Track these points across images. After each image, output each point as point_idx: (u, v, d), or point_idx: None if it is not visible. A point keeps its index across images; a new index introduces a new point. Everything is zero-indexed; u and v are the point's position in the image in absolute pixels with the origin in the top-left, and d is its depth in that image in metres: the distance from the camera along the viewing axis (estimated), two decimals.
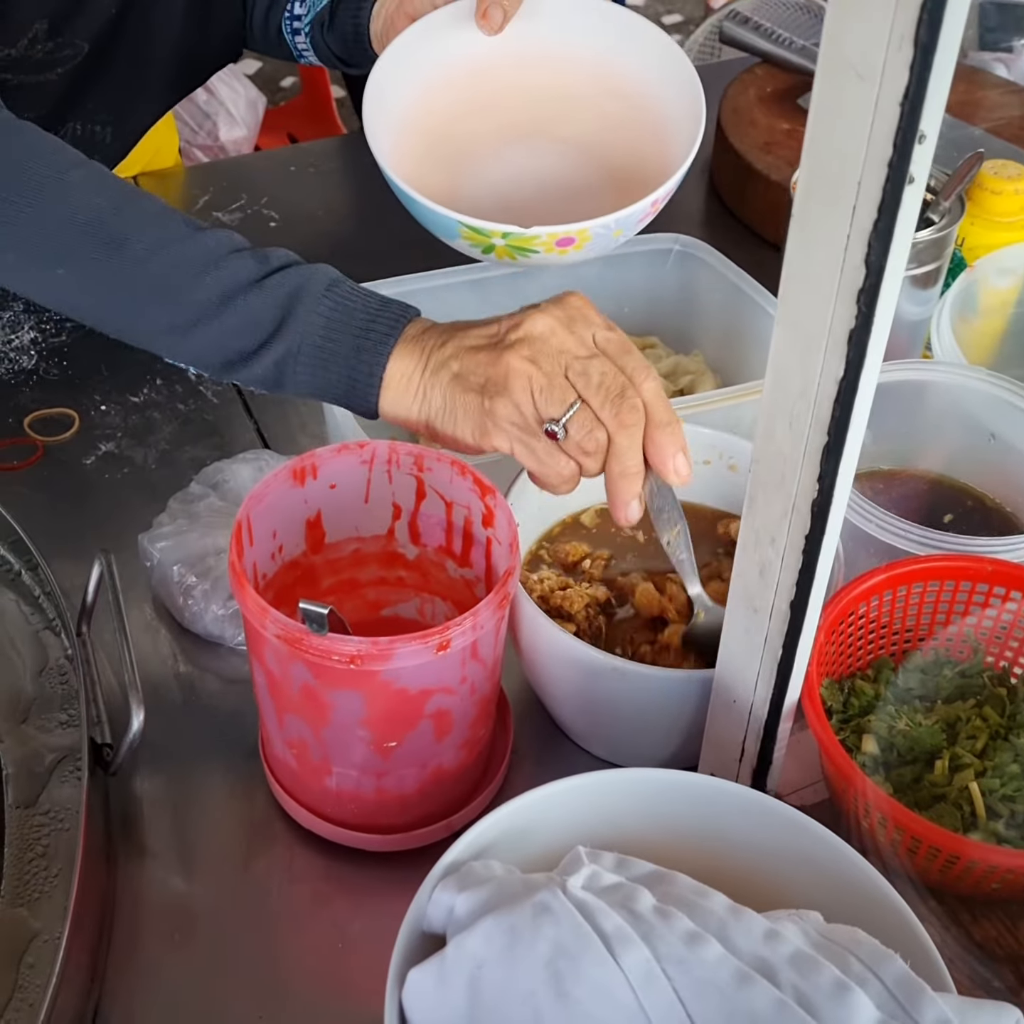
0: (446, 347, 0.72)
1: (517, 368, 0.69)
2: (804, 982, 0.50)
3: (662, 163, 0.92)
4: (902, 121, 0.43)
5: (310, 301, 0.73)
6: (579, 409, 0.69)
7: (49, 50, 1.02)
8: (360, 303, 0.74)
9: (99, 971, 0.69)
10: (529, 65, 0.98)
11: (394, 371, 0.73)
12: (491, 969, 0.51)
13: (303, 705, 0.67)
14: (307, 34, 1.06)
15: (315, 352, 0.73)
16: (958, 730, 0.71)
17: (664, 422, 0.69)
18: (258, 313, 0.74)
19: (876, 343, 0.50)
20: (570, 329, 0.70)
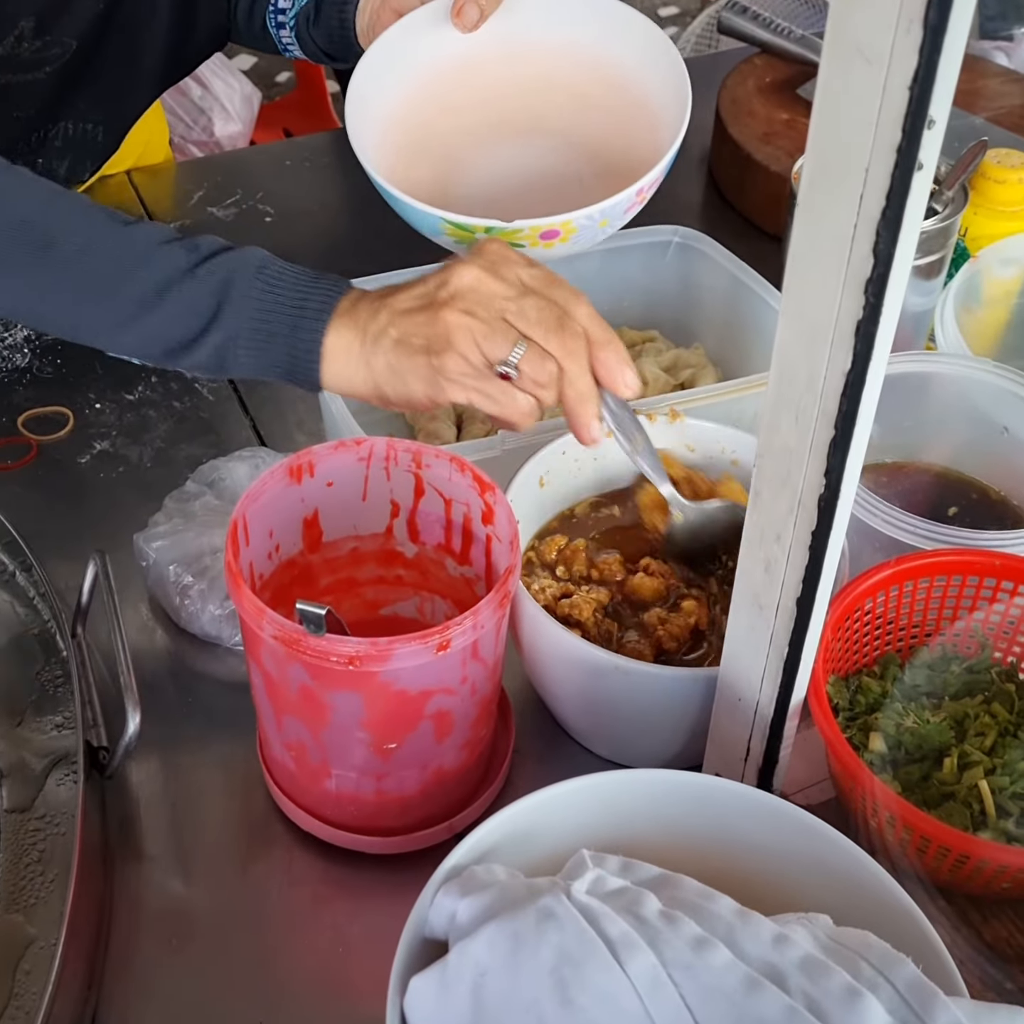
0: (380, 315, 0.73)
1: (456, 322, 0.71)
2: (814, 988, 0.49)
3: (650, 152, 0.91)
4: (911, 106, 0.42)
5: (243, 285, 0.74)
6: (527, 348, 0.71)
7: (37, 48, 1.01)
8: (291, 281, 0.75)
9: (96, 977, 0.68)
10: (514, 58, 0.97)
11: (333, 345, 0.74)
12: (494, 976, 0.50)
13: (301, 707, 0.66)
14: (292, 28, 1.05)
15: (253, 335, 0.75)
16: (966, 727, 0.70)
17: (605, 341, 0.72)
18: (193, 302, 0.75)
19: (884, 335, 0.48)
20: (496, 274, 0.72)
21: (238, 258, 0.76)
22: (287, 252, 0.78)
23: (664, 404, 0.84)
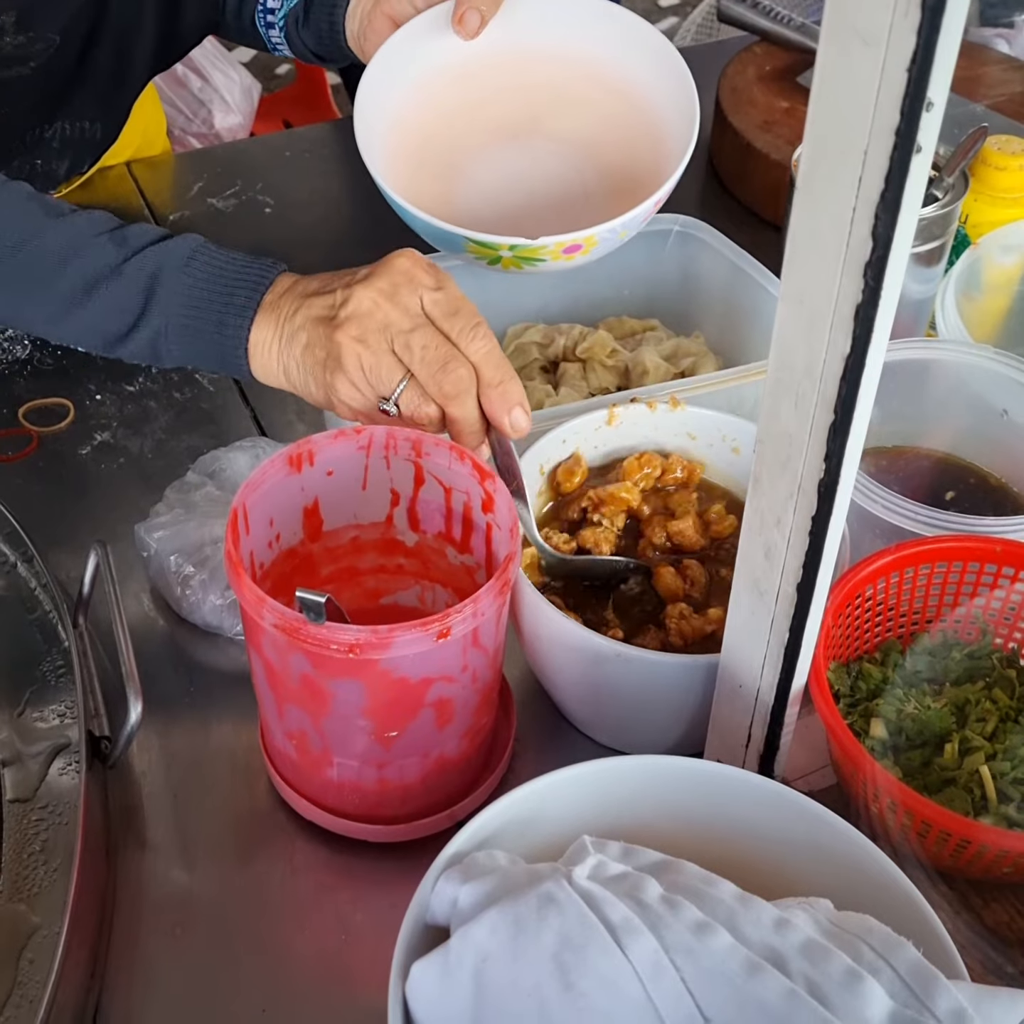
0: (297, 316, 0.74)
1: (347, 347, 0.71)
2: (815, 971, 0.49)
3: (654, 157, 0.91)
4: (909, 87, 0.42)
5: (170, 281, 0.76)
6: (407, 386, 0.71)
7: (20, 44, 1.01)
8: (218, 274, 0.76)
9: (99, 966, 0.69)
10: (518, 64, 0.97)
11: (256, 340, 0.75)
12: (496, 961, 0.50)
13: (303, 695, 0.66)
14: (281, 28, 1.04)
15: (181, 331, 0.76)
16: (967, 713, 0.70)
17: (494, 383, 0.72)
18: (121, 300, 0.76)
19: (883, 318, 0.48)
20: (394, 300, 0.72)
21: (166, 251, 0.77)
22: (287, 242, 0.79)
23: (664, 392, 0.84)
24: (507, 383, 0.72)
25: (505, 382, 0.72)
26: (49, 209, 0.78)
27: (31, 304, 0.78)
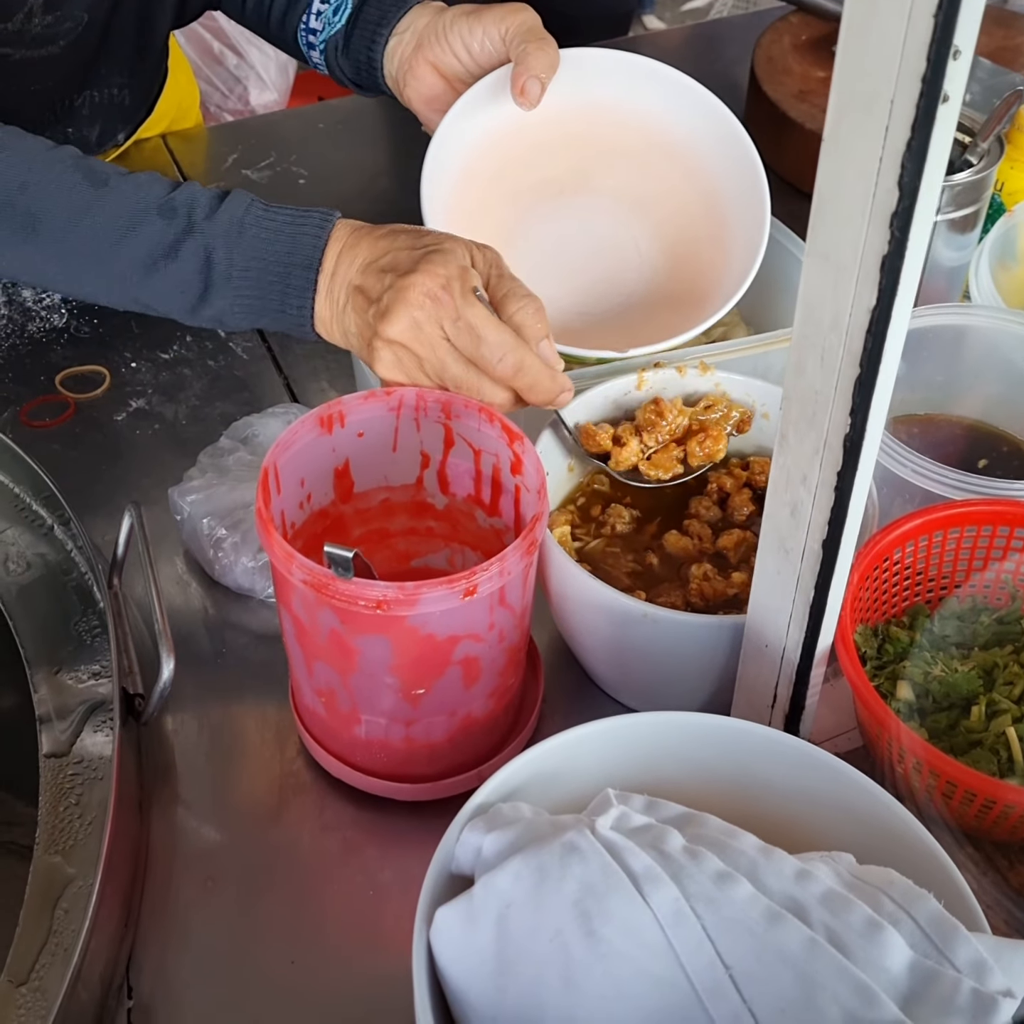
0: (346, 312, 0.77)
1: (387, 372, 0.75)
2: (835, 921, 0.49)
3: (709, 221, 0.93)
4: (935, 34, 0.42)
5: (223, 265, 0.77)
6: None
7: (48, 24, 1.01)
8: (270, 247, 0.77)
9: (132, 916, 0.70)
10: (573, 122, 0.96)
11: (319, 319, 0.78)
12: (519, 908, 0.51)
13: (331, 652, 0.67)
14: (321, 52, 1.03)
15: (246, 309, 0.78)
16: (995, 676, 0.69)
17: (532, 397, 0.75)
18: (181, 281, 0.78)
19: (910, 270, 0.48)
20: (418, 340, 0.73)
21: (215, 230, 0.77)
22: None
23: (693, 357, 0.84)
24: (545, 393, 0.75)
25: (543, 393, 0.74)
26: (95, 178, 0.78)
27: (91, 279, 0.79)
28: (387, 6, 0.98)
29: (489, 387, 0.73)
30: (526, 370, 0.73)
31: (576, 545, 0.80)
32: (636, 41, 1.68)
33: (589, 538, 0.80)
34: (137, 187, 0.78)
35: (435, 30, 0.94)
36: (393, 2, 0.97)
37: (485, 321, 0.73)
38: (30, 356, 1.06)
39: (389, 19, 0.97)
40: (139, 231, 0.77)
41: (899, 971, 0.48)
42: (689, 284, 0.94)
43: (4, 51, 1.01)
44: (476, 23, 0.92)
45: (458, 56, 0.94)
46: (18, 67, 1.03)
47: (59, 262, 0.78)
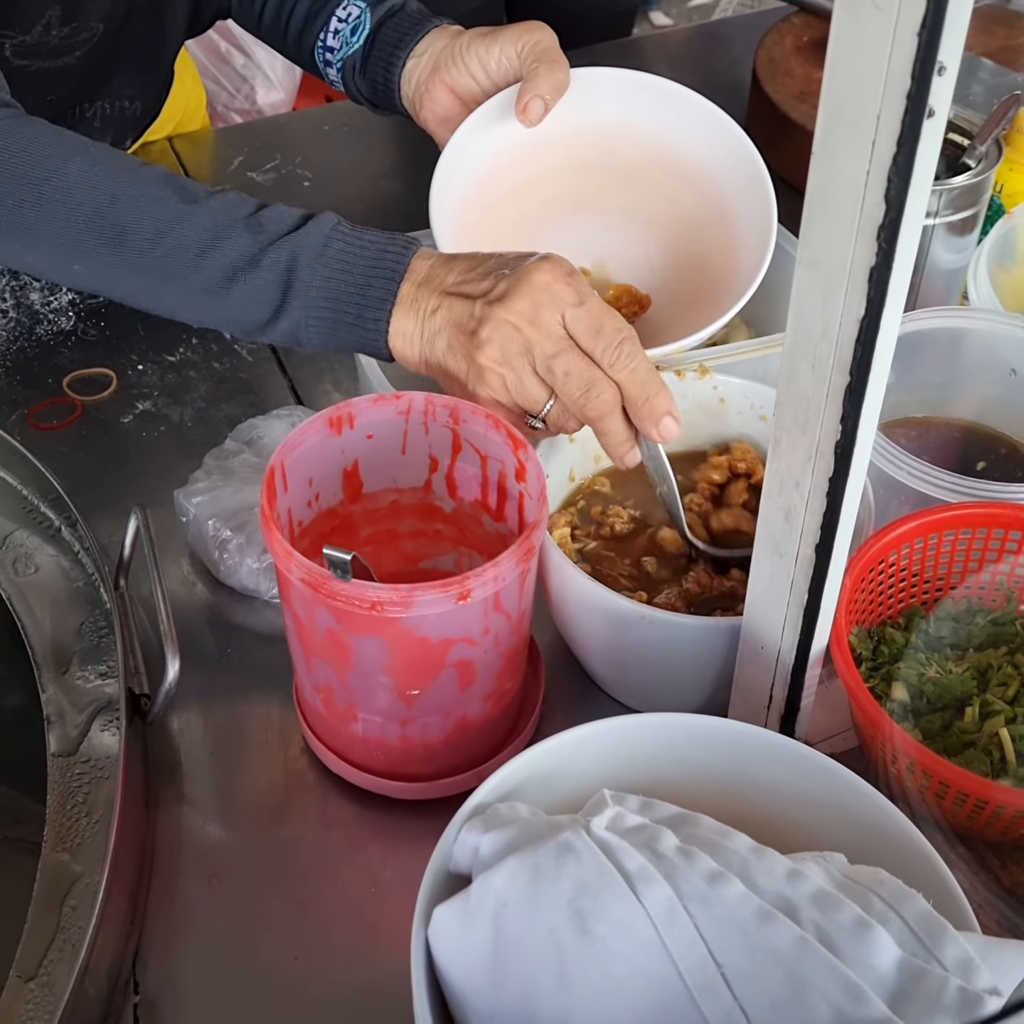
0: (436, 316, 0.75)
1: (489, 369, 0.73)
2: (825, 920, 0.50)
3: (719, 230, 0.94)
4: (920, 52, 0.43)
5: (305, 273, 0.76)
6: (554, 404, 0.73)
7: (65, 35, 1.03)
8: (353, 263, 0.76)
9: (138, 913, 0.71)
10: (582, 141, 0.97)
11: (396, 331, 0.76)
12: (515, 907, 0.52)
13: (328, 650, 0.68)
14: (339, 70, 1.04)
15: (321, 323, 0.77)
16: (989, 677, 0.70)
17: (640, 400, 0.72)
18: (260, 291, 0.77)
19: (898, 281, 0.49)
20: (536, 324, 0.72)
21: (301, 240, 0.77)
22: None
23: (693, 360, 0.85)
24: (653, 399, 0.72)
25: (651, 398, 0.72)
26: (184, 194, 0.78)
27: (169, 292, 0.79)
28: (405, 28, 0.98)
29: (600, 380, 0.72)
30: (639, 365, 0.72)
31: (576, 546, 0.81)
32: (640, 42, 1.68)
33: (589, 539, 0.81)
34: (226, 204, 0.78)
35: (452, 52, 0.95)
36: (411, 25, 0.98)
37: (607, 309, 0.73)
38: (38, 359, 1.08)
39: (407, 41, 0.98)
40: (224, 244, 0.77)
41: (887, 969, 0.49)
42: (698, 295, 0.94)
43: (22, 63, 1.02)
44: (493, 42, 0.93)
45: (475, 77, 0.94)
46: (35, 78, 1.04)
47: (142, 274, 0.78)
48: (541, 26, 0.92)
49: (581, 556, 0.80)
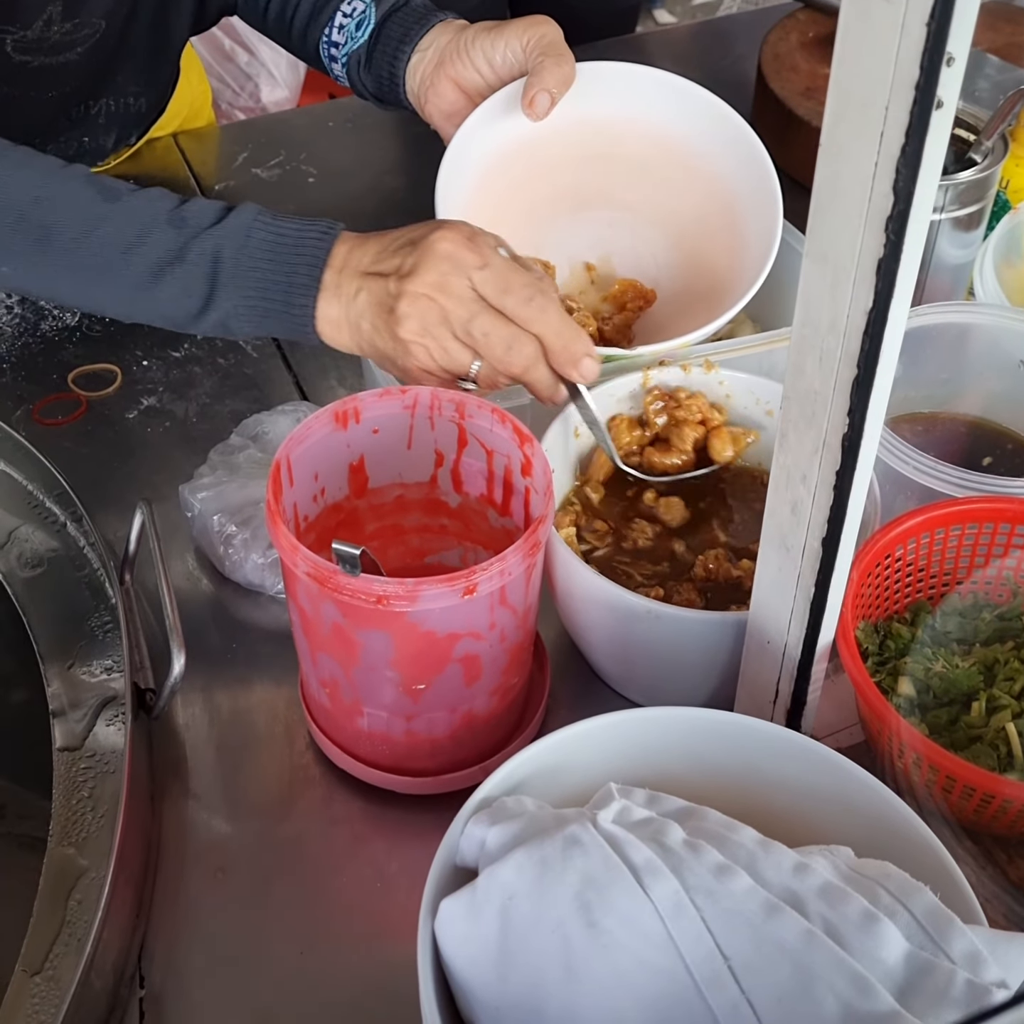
0: (358, 299, 0.77)
1: (412, 341, 0.75)
2: (832, 913, 0.50)
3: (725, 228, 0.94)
4: (928, 42, 0.42)
5: (231, 264, 0.78)
6: (481, 364, 0.75)
7: (66, 31, 1.03)
8: (276, 250, 0.78)
9: (144, 907, 0.71)
10: (586, 136, 0.97)
11: (323, 317, 0.78)
12: (521, 899, 0.52)
13: (334, 644, 0.68)
14: (344, 65, 1.04)
15: (250, 311, 0.79)
16: (996, 672, 0.70)
17: (558, 347, 0.74)
18: (187, 285, 0.79)
19: (905, 273, 0.49)
20: (446, 292, 0.74)
21: (224, 232, 0.78)
22: (330, 211, 0.80)
23: (698, 355, 0.85)
24: (571, 345, 0.75)
25: (568, 344, 0.74)
26: (107, 194, 0.79)
27: (99, 290, 0.80)
28: (410, 23, 0.98)
29: (518, 335, 0.74)
30: (552, 315, 0.74)
31: (583, 548, 0.80)
32: (644, 38, 1.68)
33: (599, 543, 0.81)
34: (148, 200, 0.80)
35: (457, 47, 0.95)
36: (416, 19, 0.98)
37: (512, 266, 0.75)
38: (43, 354, 1.08)
39: (412, 36, 0.98)
40: (149, 240, 0.78)
41: (895, 962, 0.49)
42: (703, 291, 0.95)
43: (24, 59, 1.02)
44: (498, 36, 0.93)
45: (480, 71, 0.94)
46: (37, 74, 1.04)
47: (69, 273, 0.80)
48: (546, 20, 0.92)
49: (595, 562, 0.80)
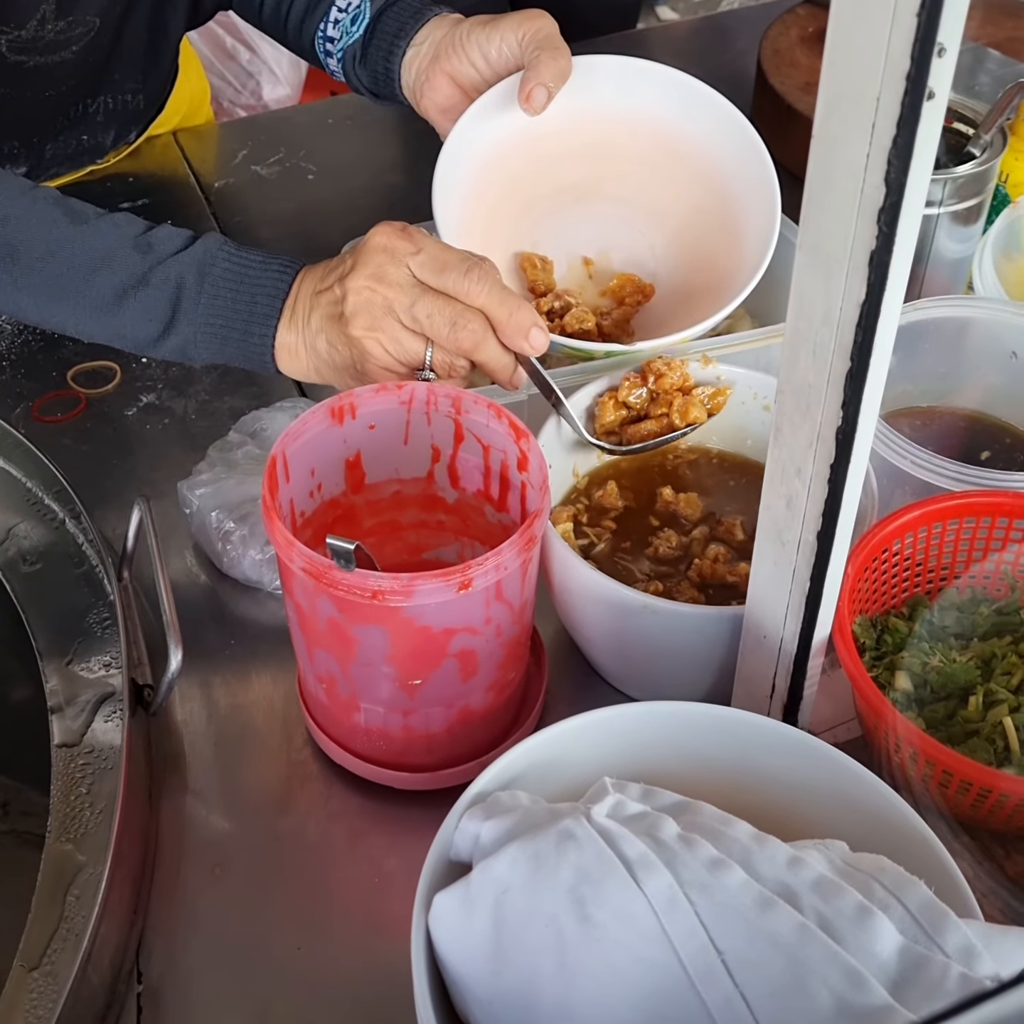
0: (312, 319, 0.79)
1: (365, 340, 0.76)
2: (827, 907, 0.50)
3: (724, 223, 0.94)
4: (919, 33, 0.42)
5: (193, 292, 0.80)
6: (434, 350, 0.77)
7: (60, 29, 1.03)
8: (238, 281, 0.80)
9: (142, 903, 0.71)
10: (583, 129, 0.97)
11: (281, 344, 0.80)
12: (515, 894, 0.52)
13: (330, 640, 0.68)
14: (339, 60, 1.04)
15: (210, 339, 0.81)
16: (993, 667, 0.70)
17: (504, 318, 0.76)
18: (149, 309, 0.80)
19: (899, 265, 0.49)
20: (385, 281, 0.76)
21: (188, 260, 0.80)
22: (329, 208, 0.81)
23: (696, 351, 0.85)
24: (516, 314, 0.76)
25: (514, 313, 0.76)
26: (75, 216, 0.81)
27: (61, 310, 0.82)
28: (405, 18, 0.98)
29: (462, 311, 0.75)
30: (492, 286, 0.75)
31: (581, 543, 0.80)
32: (645, 33, 1.68)
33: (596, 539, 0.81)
34: (115, 225, 0.81)
35: (453, 41, 0.95)
36: (411, 14, 0.98)
37: (446, 247, 0.77)
38: (42, 352, 1.08)
39: (407, 31, 0.98)
40: (113, 263, 0.80)
41: (889, 956, 0.49)
42: (701, 285, 0.94)
43: (19, 59, 1.02)
44: (494, 30, 0.93)
45: (475, 65, 0.94)
46: (33, 74, 1.04)
47: (32, 292, 0.81)
48: (541, 14, 0.92)
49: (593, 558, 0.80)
